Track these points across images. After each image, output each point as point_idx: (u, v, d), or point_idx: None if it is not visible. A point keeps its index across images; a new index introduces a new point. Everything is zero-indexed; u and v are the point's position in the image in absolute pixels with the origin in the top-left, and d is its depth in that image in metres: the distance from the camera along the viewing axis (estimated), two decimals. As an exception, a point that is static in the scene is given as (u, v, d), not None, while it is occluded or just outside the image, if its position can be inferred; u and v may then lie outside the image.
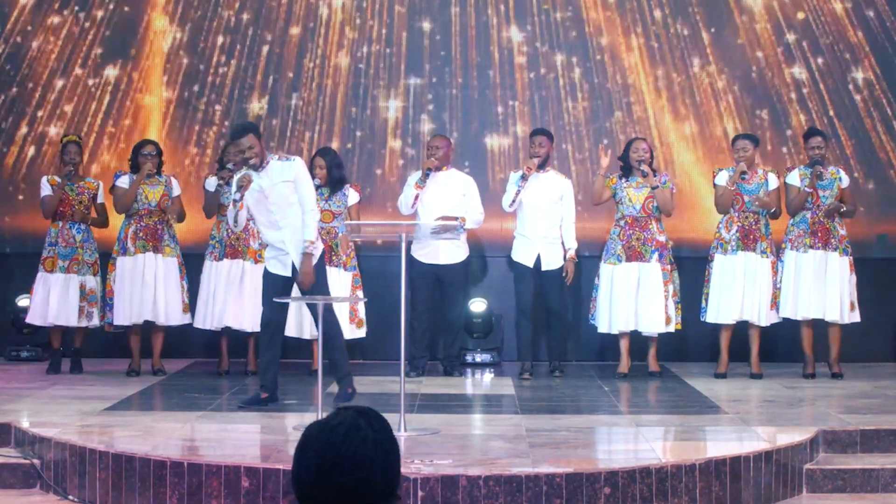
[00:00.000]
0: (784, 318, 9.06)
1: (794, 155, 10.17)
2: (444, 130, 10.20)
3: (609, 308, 9.01)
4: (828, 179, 8.97)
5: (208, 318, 9.04)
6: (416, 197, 9.06)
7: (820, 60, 10.34)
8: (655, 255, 8.96)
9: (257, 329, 9.03)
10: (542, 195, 9.04)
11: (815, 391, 8.45)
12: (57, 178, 9.03)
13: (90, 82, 10.35)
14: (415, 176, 9.24)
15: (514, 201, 9.00)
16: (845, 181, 9.11)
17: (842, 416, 7.24)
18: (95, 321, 9.08)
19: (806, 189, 8.94)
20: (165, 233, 9.03)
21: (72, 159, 8.98)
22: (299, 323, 9.04)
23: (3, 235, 10.31)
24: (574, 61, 10.37)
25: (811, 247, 8.96)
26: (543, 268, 9.05)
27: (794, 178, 9.06)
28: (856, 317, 9.08)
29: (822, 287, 8.94)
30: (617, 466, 5.76)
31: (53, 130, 10.29)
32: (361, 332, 9.12)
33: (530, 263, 9.06)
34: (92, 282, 9.07)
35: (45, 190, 9.03)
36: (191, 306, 9.14)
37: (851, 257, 9.04)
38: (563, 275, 9.09)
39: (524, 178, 8.95)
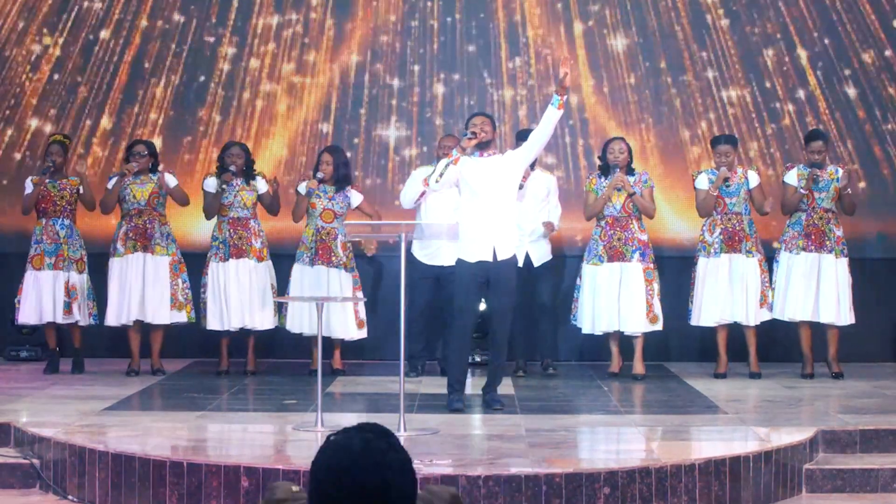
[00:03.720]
0: (776, 319, 9.04)
1: (787, 148, 10.18)
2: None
3: (592, 308, 9.01)
4: (824, 181, 8.93)
5: (224, 320, 9.00)
6: (423, 193, 8.96)
7: (817, 59, 10.33)
8: (637, 255, 8.92)
9: (267, 327, 9.07)
10: (530, 193, 9.01)
11: (814, 391, 8.45)
12: (37, 177, 9.05)
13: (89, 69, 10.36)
14: (422, 171, 9.16)
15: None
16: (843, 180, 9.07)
17: (841, 416, 7.25)
18: (76, 316, 9.03)
19: (801, 190, 8.92)
20: (157, 231, 8.99)
21: (53, 159, 9.00)
22: (300, 321, 9.08)
23: (2, 235, 10.29)
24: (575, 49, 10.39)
25: (804, 249, 8.93)
26: (535, 264, 9.07)
27: (792, 178, 9.04)
28: (851, 318, 9.03)
29: (814, 289, 8.91)
30: (616, 466, 5.77)
31: (42, 126, 10.29)
32: (363, 333, 9.11)
33: (520, 262, 9.05)
34: (76, 278, 9.04)
35: (28, 189, 9.08)
36: (193, 305, 9.11)
37: (848, 258, 9.00)
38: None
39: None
